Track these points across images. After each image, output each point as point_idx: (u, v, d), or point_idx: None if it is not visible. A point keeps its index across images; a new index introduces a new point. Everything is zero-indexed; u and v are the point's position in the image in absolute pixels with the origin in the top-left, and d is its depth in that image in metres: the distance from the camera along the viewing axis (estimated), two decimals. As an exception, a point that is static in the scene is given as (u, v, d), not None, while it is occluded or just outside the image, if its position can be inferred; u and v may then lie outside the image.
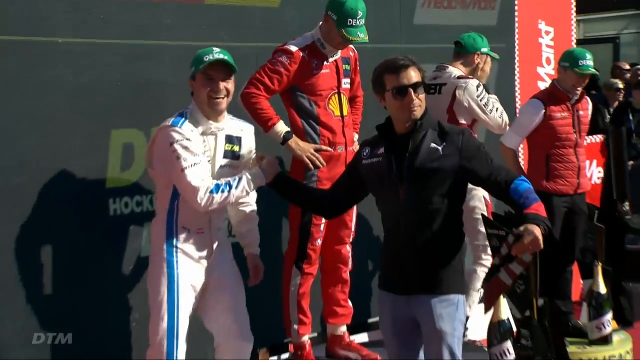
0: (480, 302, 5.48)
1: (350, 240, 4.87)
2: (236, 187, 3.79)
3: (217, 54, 3.85)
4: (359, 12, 4.33)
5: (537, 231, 3.24)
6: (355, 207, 4.63)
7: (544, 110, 5.55)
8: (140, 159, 4.64)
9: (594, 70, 5.71)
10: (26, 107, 4.29)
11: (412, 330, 3.59)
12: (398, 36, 5.81)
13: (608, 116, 8.77)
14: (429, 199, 3.46)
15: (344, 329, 4.87)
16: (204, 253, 3.92)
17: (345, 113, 4.70)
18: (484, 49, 5.40)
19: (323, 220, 4.63)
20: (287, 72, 4.53)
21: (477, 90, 5.27)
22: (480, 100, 5.25)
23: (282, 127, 4.49)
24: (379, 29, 5.27)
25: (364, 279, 5.19)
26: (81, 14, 4.49)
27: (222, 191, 3.76)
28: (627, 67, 10.40)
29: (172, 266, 3.83)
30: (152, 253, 3.91)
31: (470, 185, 3.64)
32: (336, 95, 4.70)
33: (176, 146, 3.74)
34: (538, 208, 3.34)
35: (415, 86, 3.50)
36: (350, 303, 4.88)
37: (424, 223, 3.46)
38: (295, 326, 4.70)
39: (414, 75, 3.51)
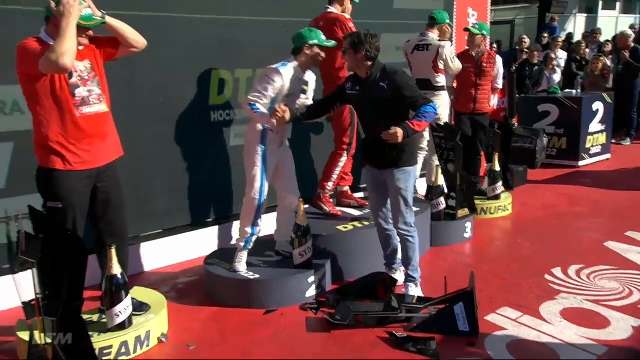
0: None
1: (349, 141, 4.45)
2: (257, 113, 3.50)
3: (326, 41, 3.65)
4: None
5: (397, 130, 3.22)
6: (356, 126, 4.35)
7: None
8: (229, 88, 4.51)
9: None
10: (157, 59, 4.02)
11: (384, 187, 3.60)
12: (382, 15, 5.46)
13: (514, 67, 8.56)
14: (384, 111, 3.36)
15: (346, 188, 4.68)
16: (278, 143, 3.71)
17: None
18: (447, 21, 5.11)
19: (356, 122, 4.24)
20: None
21: (450, 49, 5.07)
22: (451, 55, 5.01)
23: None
24: (370, 11, 4.99)
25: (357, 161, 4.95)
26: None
27: (253, 109, 3.51)
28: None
29: (264, 150, 3.61)
30: (248, 142, 3.66)
31: None
32: None
33: (269, 75, 3.55)
34: (414, 122, 3.27)
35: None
36: (351, 174, 4.64)
37: (383, 125, 3.32)
38: (329, 185, 4.39)
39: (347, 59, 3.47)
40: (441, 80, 5.07)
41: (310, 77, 3.78)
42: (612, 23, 17.32)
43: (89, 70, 2.83)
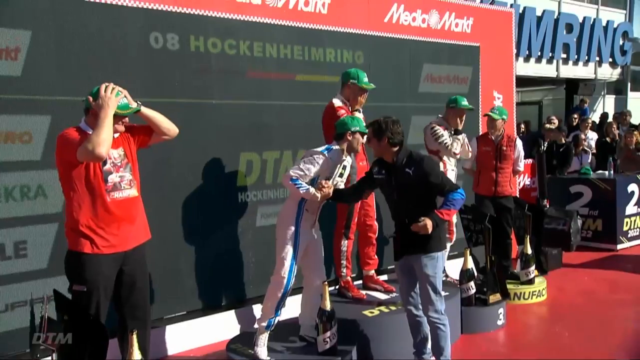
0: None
1: (375, 218, 4.59)
2: (301, 188, 3.56)
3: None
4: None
5: (427, 222, 3.29)
6: (374, 199, 4.48)
7: (476, 145, 5.47)
8: (257, 169, 4.66)
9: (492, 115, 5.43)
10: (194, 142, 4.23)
11: (411, 273, 3.59)
12: (408, 99, 5.66)
13: (543, 146, 8.60)
14: (410, 197, 3.43)
15: (372, 272, 4.67)
16: (311, 223, 3.75)
17: None
18: (463, 103, 4.92)
19: (358, 206, 4.39)
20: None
21: (437, 130, 4.80)
22: (440, 137, 4.78)
23: None
24: (397, 95, 5.22)
25: (382, 242, 4.97)
26: (228, 85, 4.44)
27: (296, 184, 3.57)
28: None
29: (297, 229, 3.63)
30: (283, 220, 3.68)
31: None
32: None
33: (315, 156, 3.63)
34: (443, 211, 3.34)
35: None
36: (376, 256, 4.67)
37: (410, 212, 3.41)
38: (344, 270, 4.44)
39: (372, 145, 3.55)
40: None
41: (349, 161, 3.88)
42: (640, 104, 17.47)
43: (122, 158, 2.96)
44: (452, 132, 4.81)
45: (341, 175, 3.82)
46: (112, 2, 3.84)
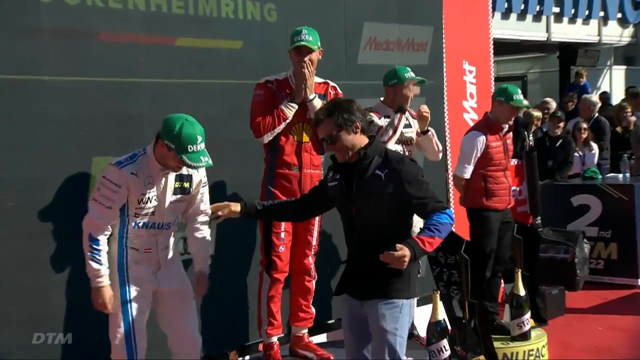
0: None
1: (313, 252, 4.89)
2: (93, 261, 3.79)
3: (199, 163, 3.75)
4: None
5: (404, 252, 3.35)
6: (317, 224, 4.84)
7: (485, 140, 5.64)
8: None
9: (526, 103, 5.90)
10: (19, 139, 4.26)
11: (365, 328, 3.67)
12: (344, 74, 5.79)
13: (528, 140, 8.99)
14: (374, 217, 3.55)
15: (305, 331, 4.92)
16: (152, 267, 3.97)
17: (304, 139, 4.75)
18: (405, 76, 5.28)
19: (282, 227, 4.68)
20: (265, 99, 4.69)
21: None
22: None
23: None
24: (328, 68, 5.18)
25: (326, 284, 5.13)
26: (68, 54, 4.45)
27: (93, 248, 3.78)
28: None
29: (123, 280, 3.89)
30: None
31: None
32: (300, 124, 4.74)
33: (104, 181, 3.82)
34: (424, 238, 3.44)
35: (323, 140, 3.69)
36: (312, 309, 4.94)
37: (372, 236, 3.54)
38: (265, 327, 4.72)
39: (323, 130, 3.64)
40: None
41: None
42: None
43: None
44: (395, 111, 5.16)
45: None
46: None
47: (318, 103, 4.60)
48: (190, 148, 3.67)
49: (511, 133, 5.91)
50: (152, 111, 4.68)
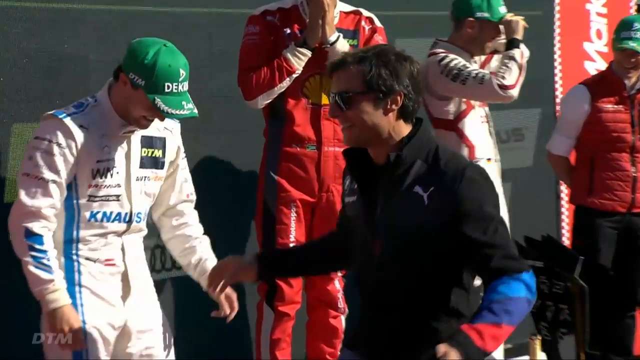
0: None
1: (340, 274, 4.69)
2: (39, 268, 3.43)
3: (180, 110, 3.49)
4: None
5: (450, 355, 2.84)
6: None
7: (590, 100, 5.38)
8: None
9: (634, 45, 5.38)
10: None
11: None
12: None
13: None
14: (405, 267, 3.09)
15: None
16: (118, 291, 3.69)
17: (324, 101, 4.46)
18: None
19: (292, 235, 4.54)
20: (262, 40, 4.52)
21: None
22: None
23: None
24: None
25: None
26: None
27: (34, 249, 3.45)
28: None
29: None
30: None
31: None
32: (317, 78, 4.47)
33: (38, 142, 3.50)
34: (483, 328, 2.90)
35: (333, 99, 3.14)
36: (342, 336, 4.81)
37: (399, 288, 3.11)
38: None
39: (338, 82, 3.07)
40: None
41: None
42: None
43: None
44: (506, 47, 5.01)
45: None
46: None
47: (344, 46, 4.40)
48: (168, 87, 3.43)
49: None
50: (100, 52, 4.70)
